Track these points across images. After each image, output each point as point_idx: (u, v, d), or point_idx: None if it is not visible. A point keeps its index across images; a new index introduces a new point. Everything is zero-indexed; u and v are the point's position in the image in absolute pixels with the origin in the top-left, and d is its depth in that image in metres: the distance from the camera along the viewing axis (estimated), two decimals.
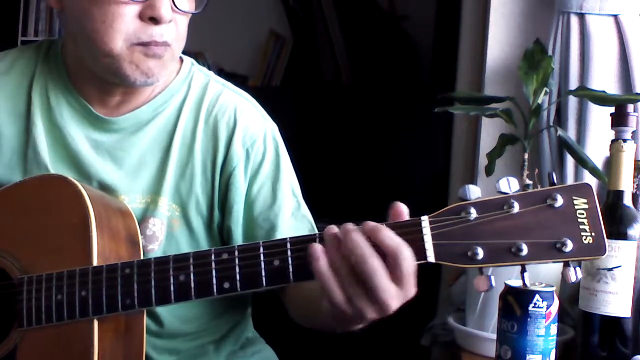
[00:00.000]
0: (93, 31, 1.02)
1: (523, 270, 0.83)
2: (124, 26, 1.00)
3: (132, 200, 1.11)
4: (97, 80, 1.10)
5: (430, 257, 0.83)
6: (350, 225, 0.82)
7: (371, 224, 0.82)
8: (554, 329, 1.01)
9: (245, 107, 1.18)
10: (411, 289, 0.82)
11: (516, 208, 0.81)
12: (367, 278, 0.80)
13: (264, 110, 1.22)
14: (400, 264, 0.80)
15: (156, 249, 1.11)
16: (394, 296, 0.81)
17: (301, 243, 0.86)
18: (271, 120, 1.21)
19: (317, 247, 0.82)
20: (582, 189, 0.81)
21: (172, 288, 0.90)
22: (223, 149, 1.14)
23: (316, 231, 1.17)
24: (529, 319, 0.99)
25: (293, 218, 1.16)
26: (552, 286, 1.02)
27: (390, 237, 0.81)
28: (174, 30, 1.05)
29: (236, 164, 1.14)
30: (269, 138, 1.18)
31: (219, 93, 1.18)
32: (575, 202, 0.81)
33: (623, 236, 1.12)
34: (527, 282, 0.83)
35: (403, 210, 0.85)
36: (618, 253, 1.11)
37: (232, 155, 1.14)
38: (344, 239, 0.81)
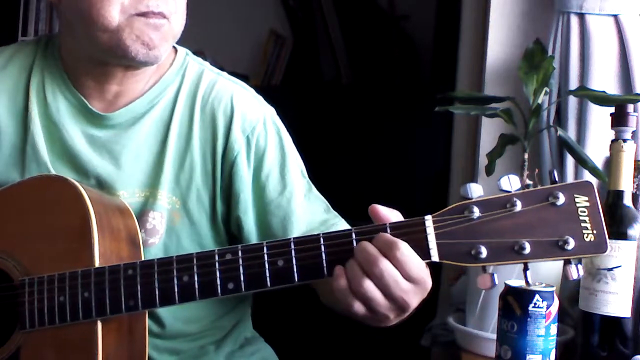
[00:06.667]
0: (90, 7, 1.02)
1: (526, 269, 0.84)
2: None
3: (131, 194, 1.11)
4: (94, 71, 1.10)
5: (435, 256, 0.84)
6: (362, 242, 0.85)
7: (382, 238, 0.84)
8: (554, 329, 1.01)
9: (241, 94, 1.17)
10: (425, 283, 0.85)
11: (519, 206, 0.82)
12: (379, 280, 0.83)
13: (260, 96, 1.21)
14: (397, 258, 0.82)
15: (157, 242, 1.10)
16: (409, 291, 0.84)
17: (305, 243, 0.87)
18: (269, 105, 1.20)
19: (339, 268, 0.85)
20: (584, 187, 0.82)
21: (176, 289, 0.90)
22: (222, 137, 1.13)
23: (331, 209, 1.17)
24: (529, 319, 0.99)
25: (306, 200, 1.15)
26: (552, 286, 1.02)
27: (383, 236, 0.84)
28: (172, 4, 1.05)
29: (237, 151, 1.12)
30: (269, 123, 1.16)
31: (214, 81, 1.17)
32: (576, 199, 0.82)
33: (623, 236, 1.12)
34: (529, 280, 0.84)
35: (380, 213, 0.86)
36: (618, 253, 1.11)
37: (232, 143, 1.13)
38: (355, 249, 0.84)
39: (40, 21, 3.11)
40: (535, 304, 0.99)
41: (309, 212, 1.13)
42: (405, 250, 0.83)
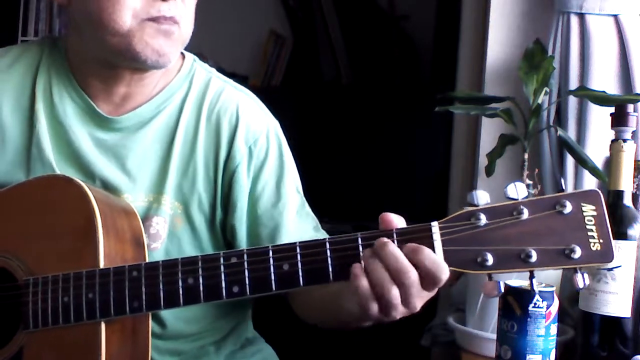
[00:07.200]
0: (101, 10, 1.02)
1: (532, 276, 0.84)
2: (131, 1, 1.01)
3: (136, 199, 1.11)
4: (101, 73, 1.10)
5: None
6: (384, 239, 0.84)
7: (411, 245, 0.84)
8: (554, 329, 1.01)
9: (247, 105, 1.18)
10: (434, 291, 0.86)
11: (525, 214, 0.82)
12: (407, 289, 0.83)
13: (266, 107, 1.21)
14: (440, 280, 0.83)
15: (159, 247, 1.10)
16: (423, 299, 0.85)
17: (311, 248, 0.87)
18: (273, 117, 1.21)
19: (358, 267, 0.85)
20: (591, 196, 0.82)
21: (180, 291, 0.90)
22: (225, 146, 1.14)
23: (320, 228, 1.17)
24: (529, 319, 0.99)
25: (298, 216, 1.15)
26: (552, 286, 1.02)
27: (430, 257, 0.83)
28: (182, 8, 1.06)
29: (239, 161, 1.13)
30: (271, 135, 1.17)
31: (220, 90, 1.17)
32: (583, 208, 0.82)
33: (623, 236, 1.12)
34: (535, 287, 0.85)
35: (393, 221, 0.86)
36: (618, 253, 1.11)
37: (235, 153, 1.13)
38: (382, 251, 0.84)
39: (40, 21, 3.11)
40: (535, 304, 0.99)
41: (299, 228, 1.14)
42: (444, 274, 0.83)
